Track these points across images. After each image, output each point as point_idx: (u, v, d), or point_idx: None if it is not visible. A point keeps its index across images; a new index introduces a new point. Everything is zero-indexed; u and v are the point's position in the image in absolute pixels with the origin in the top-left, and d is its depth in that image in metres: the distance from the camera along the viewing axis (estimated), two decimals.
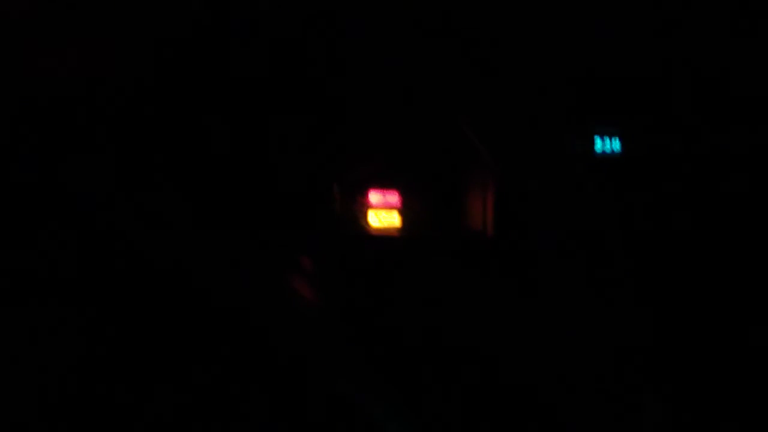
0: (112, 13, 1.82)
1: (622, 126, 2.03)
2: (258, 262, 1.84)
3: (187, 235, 1.76)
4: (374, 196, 2.21)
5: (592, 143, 2.03)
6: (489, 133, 2.05)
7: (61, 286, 1.67)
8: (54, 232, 1.67)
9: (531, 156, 2.02)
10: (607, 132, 2.03)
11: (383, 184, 2.20)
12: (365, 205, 2.20)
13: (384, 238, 2.18)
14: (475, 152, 2.11)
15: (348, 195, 2.18)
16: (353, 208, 2.19)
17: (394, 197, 2.22)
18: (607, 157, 2.03)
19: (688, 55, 1.94)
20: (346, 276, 2.02)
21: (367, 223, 2.20)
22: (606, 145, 2.03)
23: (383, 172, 2.21)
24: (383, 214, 2.21)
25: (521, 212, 2.02)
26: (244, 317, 1.72)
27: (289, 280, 1.91)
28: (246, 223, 1.91)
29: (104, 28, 1.83)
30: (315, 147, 2.06)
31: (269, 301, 1.80)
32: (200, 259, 1.73)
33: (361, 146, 2.16)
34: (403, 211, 2.20)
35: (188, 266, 1.69)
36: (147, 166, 1.80)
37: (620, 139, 2.03)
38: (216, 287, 1.70)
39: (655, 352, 1.82)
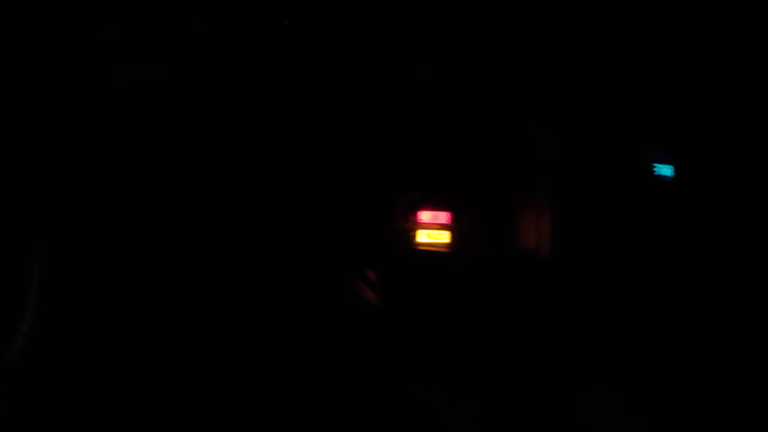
0: None
1: (676, 154, 2.11)
2: (331, 270, 1.98)
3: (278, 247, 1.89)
4: (425, 215, 2.28)
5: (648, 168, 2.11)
6: (547, 153, 2.12)
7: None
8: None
9: (587, 178, 2.09)
10: (661, 159, 2.11)
11: (438, 204, 2.28)
12: (417, 224, 2.27)
13: (436, 253, 2.24)
14: (530, 173, 2.18)
15: (405, 215, 2.26)
16: (409, 226, 2.26)
17: (444, 216, 2.28)
18: (660, 182, 2.11)
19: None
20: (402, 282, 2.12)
21: (418, 239, 2.27)
22: (660, 170, 2.10)
23: (438, 192, 2.28)
24: (434, 232, 2.27)
25: (577, 234, 2.08)
26: (316, 313, 1.82)
27: (355, 285, 2.01)
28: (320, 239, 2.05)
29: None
30: (380, 173, 2.18)
31: (338, 301, 1.90)
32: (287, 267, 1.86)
33: (418, 171, 2.24)
34: (454, 230, 2.27)
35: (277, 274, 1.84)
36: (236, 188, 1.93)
37: (673, 167, 2.11)
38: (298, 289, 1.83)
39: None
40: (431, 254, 2.23)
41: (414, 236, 2.27)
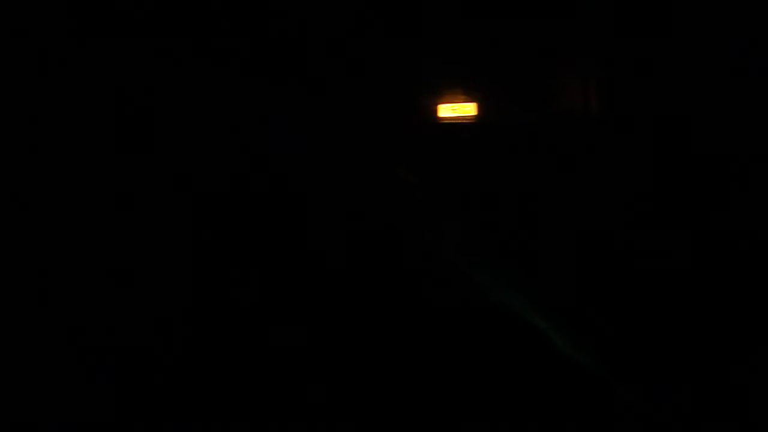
0: None
1: None
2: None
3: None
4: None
5: None
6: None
7: None
8: None
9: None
10: None
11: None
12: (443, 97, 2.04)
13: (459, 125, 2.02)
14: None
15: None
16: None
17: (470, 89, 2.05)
18: None
19: None
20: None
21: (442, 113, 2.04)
22: None
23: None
24: (459, 106, 2.03)
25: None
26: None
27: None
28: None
29: None
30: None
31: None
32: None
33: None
34: (482, 100, 2.03)
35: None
36: None
37: None
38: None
39: None
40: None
41: (437, 110, 2.03)
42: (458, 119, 2.02)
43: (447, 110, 2.03)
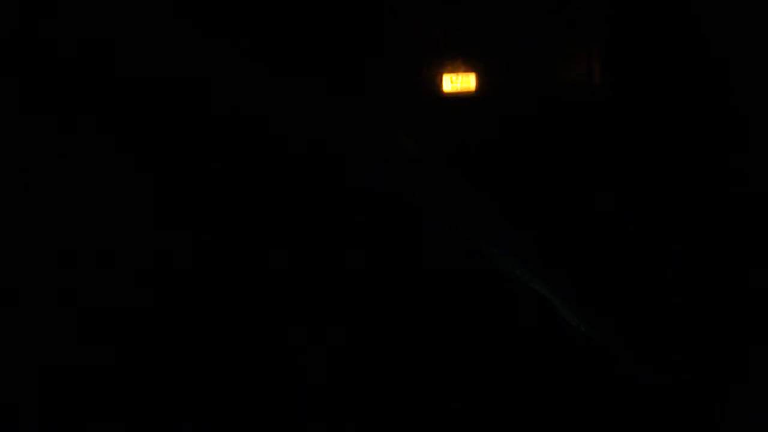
0: None
1: None
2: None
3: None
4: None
5: None
6: None
7: None
8: None
9: None
10: None
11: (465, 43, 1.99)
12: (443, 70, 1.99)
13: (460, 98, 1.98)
14: None
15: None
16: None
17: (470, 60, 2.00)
18: None
19: None
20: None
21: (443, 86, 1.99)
22: None
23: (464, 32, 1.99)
24: (460, 78, 1.98)
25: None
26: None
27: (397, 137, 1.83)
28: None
29: None
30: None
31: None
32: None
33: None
34: (483, 71, 1.98)
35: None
36: None
37: None
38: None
39: None
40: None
41: (439, 83, 1.99)
42: (459, 92, 1.98)
43: (447, 82, 1.99)
